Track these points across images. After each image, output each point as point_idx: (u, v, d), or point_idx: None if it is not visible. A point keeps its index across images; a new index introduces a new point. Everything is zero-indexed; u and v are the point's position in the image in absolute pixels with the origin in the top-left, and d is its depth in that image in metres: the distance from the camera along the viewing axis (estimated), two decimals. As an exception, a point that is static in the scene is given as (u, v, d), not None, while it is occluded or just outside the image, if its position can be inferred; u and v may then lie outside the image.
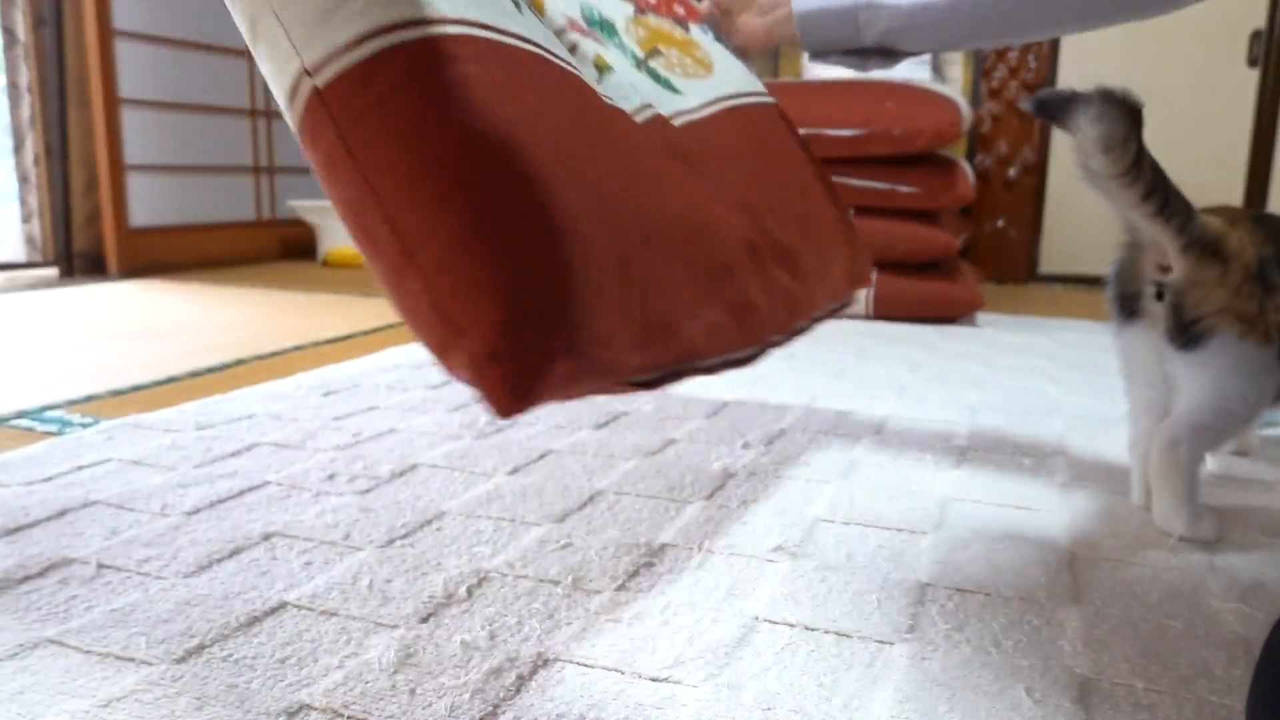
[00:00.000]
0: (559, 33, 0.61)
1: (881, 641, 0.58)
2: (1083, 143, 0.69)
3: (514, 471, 0.90)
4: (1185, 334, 0.72)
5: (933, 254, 1.83)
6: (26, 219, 2.60)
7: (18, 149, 2.57)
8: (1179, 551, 0.74)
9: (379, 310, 1.99)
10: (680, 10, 0.83)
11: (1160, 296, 0.74)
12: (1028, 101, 0.72)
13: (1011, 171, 2.83)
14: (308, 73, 0.44)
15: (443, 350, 0.43)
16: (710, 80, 0.75)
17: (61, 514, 0.77)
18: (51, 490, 0.83)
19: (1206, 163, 2.62)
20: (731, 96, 0.76)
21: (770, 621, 0.61)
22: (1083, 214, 2.77)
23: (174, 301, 2.12)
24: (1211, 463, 0.95)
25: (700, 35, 0.82)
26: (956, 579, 0.68)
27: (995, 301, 2.35)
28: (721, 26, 0.86)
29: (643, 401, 1.18)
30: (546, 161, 0.45)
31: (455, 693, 0.51)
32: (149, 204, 2.75)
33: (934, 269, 1.89)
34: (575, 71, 0.55)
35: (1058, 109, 0.70)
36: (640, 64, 0.68)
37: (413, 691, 0.51)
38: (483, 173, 0.42)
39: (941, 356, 1.54)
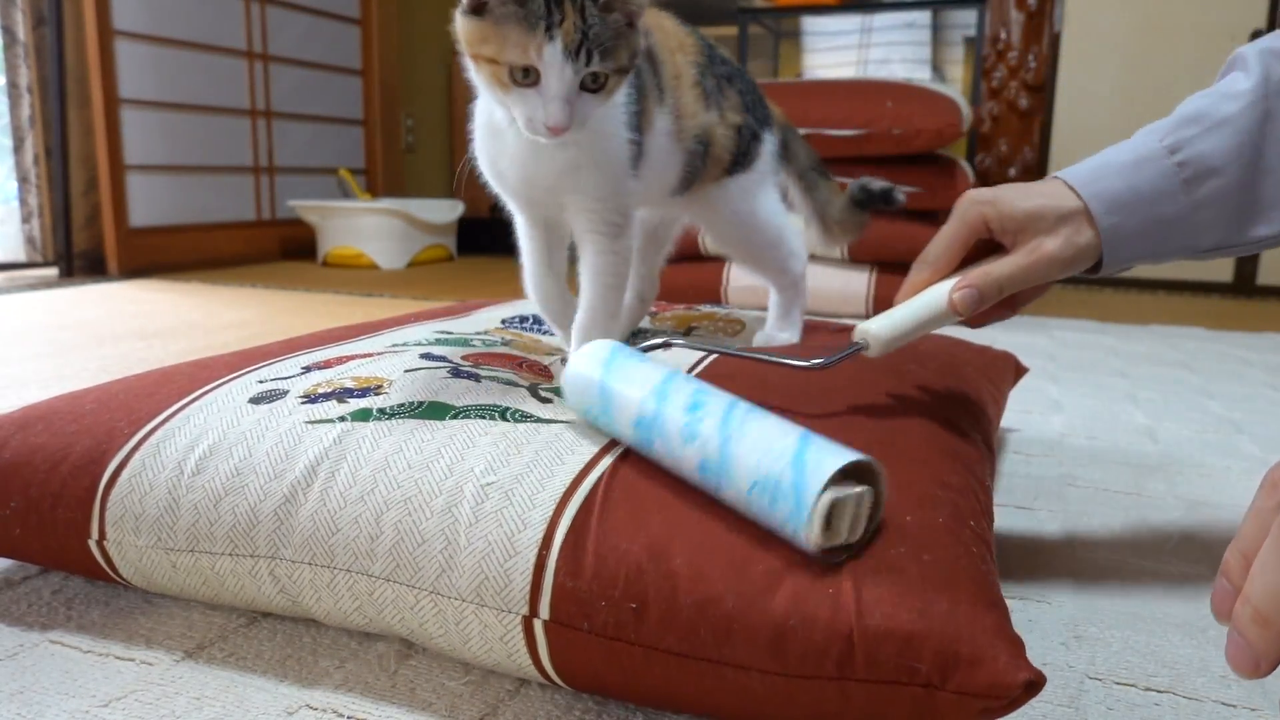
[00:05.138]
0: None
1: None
2: None
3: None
4: None
5: (933, 254, 1.83)
6: (26, 219, 2.61)
7: (18, 149, 2.57)
8: (1177, 550, 0.74)
9: (379, 310, 1.99)
10: None
11: None
12: None
13: (1011, 171, 2.84)
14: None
15: None
16: None
17: (61, 514, 0.77)
18: (51, 490, 0.83)
19: (1206, 163, 2.62)
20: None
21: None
22: (1083, 214, 2.76)
23: (174, 301, 2.12)
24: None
25: None
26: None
27: (995, 301, 2.35)
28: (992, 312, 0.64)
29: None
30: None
31: (455, 692, 0.51)
32: (149, 204, 2.75)
33: (934, 269, 1.89)
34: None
35: None
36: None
37: (413, 691, 0.51)
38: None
39: (941, 356, 1.54)
